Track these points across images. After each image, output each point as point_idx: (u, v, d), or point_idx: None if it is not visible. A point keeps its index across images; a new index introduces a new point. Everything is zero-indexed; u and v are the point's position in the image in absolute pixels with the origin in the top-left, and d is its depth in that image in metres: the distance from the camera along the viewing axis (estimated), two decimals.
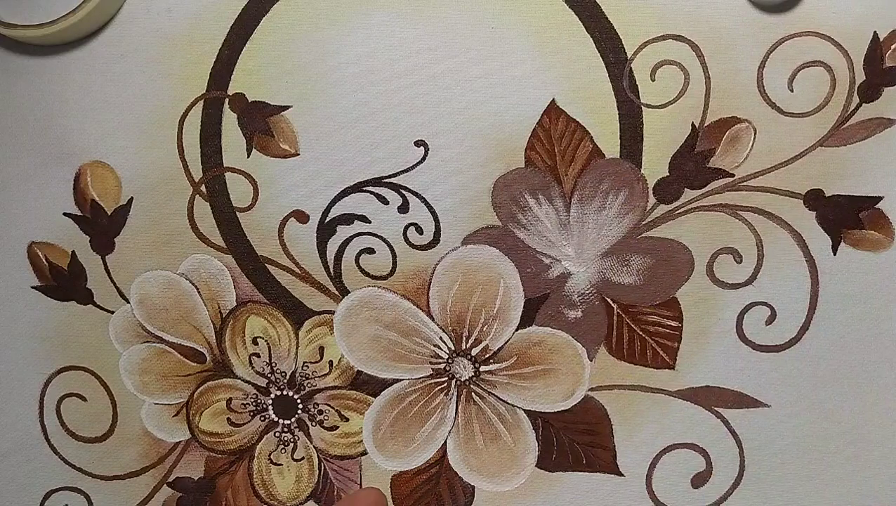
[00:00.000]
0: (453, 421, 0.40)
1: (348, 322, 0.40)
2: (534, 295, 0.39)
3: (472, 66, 0.38)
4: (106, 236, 0.40)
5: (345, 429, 0.40)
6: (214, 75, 0.39)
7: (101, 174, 0.40)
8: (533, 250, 0.39)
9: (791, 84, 0.37)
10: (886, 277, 0.38)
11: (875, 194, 0.37)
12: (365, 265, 0.39)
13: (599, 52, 0.38)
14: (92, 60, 0.39)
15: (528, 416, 0.40)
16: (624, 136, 0.38)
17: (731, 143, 0.38)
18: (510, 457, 0.40)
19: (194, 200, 0.40)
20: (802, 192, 0.38)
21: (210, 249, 0.40)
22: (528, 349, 0.39)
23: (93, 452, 0.41)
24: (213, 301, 0.40)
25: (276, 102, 0.39)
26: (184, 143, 0.39)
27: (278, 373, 0.40)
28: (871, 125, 0.37)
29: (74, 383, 0.41)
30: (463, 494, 0.40)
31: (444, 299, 0.39)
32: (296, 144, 0.39)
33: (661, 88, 0.38)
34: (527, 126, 0.38)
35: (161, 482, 0.41)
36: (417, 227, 0.39)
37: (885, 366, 0.38)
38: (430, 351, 0.40)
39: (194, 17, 0.39)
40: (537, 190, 0.38)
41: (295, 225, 0.39)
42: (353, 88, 0.39)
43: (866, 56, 0.37)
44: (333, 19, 0.38)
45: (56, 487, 0.42)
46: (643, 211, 0.38)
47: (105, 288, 0.40)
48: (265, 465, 0.41)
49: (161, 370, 0.41)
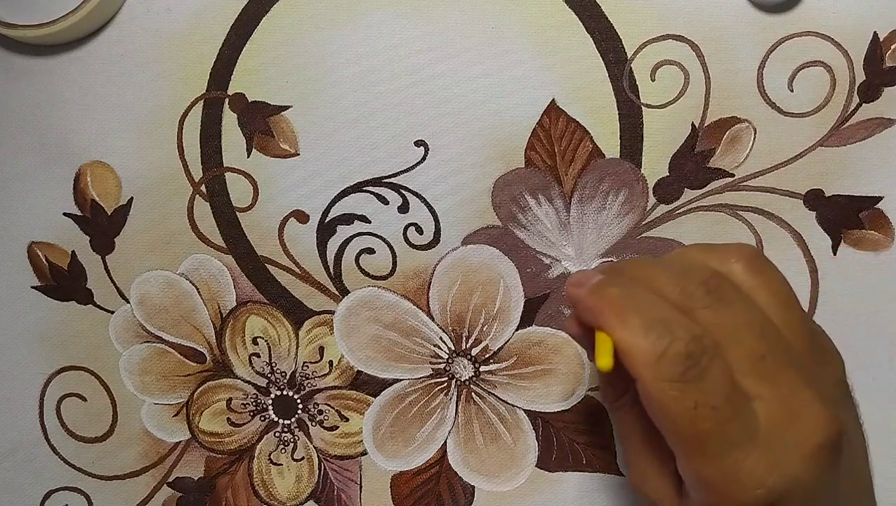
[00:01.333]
0: (453, 421, 0.40)
1: (348, 322, 0.40)
2: (534, 295, 0.39)
3: (472, 66, 0.38)
4: (106, 236, 0.40)
5: (345, 429, 0.40)
6: (214, 75, 0.39)
7: (101, 174, 0.40)
8: (533, 250, 0.39)
9: (791, 84, 0.37)
10: (886, 277, 0.38)
11: (875, 194, 0.37)
12: (365, 265, 0.39)
13: (599, 52, 0.38)
14: (92, 60, 0.39)
15: (528, 416, 0.40)
16: (624, 136, 0.38)
17: (731, 143, 0.38)
18: (510, 457, 0.40)
19: (194, 200, 0.40)
20: (802, 192, 0.38)
21: (210, 249, 0.40)
22: (528, 349, 0.39)
23: (93, 452, 0.41)
24: (213, 301, 0.40)
25: (276, 102, 0.39)
26: (184, 143, 0.39)
27: (278, 373, 0.40)
28: (871, 125, 0.37)
29: (74, 383, 0.41)
30: (463, 494, 0.40)
31: (444, 299, 0.39)
32: (296, 144, 0.39)
33: (661, 88, 0.38)
34: (527, 126, 0.38)
35: (161, 482, 0.41)
36: (417, 227, 0.39)
37: (884, 366, 0.38)
38: (430, 351, 0.40)
39: (194, 17, 0.39)
40: (537, 190, 0.38)
41: (295, 225, 0.39)
42: (353, 88, 0.39)
43: (866, 56, 0.37)
44: (333, 19, 0.38)
45: (56, 487, 0.42)
46: (643, 211, 0.38)
47: (105, 288, 0.40)
48: (265, 465, 0.41)
49: (161, 370, 0.41)
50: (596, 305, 0.27)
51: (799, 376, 0.27)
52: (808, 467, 0.26)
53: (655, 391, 0.26)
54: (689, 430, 0.26)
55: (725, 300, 0.27)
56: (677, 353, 0.26)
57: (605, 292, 0.28)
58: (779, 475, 0.26)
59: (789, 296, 0.29)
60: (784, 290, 0.29)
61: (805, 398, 0.27)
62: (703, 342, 0.26)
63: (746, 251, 0.29)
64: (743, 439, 0.26)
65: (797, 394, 0.27)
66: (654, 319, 0.26)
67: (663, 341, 0.26)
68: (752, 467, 0.26)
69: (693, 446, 0.26)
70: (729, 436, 0.26)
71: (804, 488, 0.27)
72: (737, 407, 0.26)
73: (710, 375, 0.26)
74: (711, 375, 0.26)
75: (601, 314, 0.27)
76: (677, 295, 0.27)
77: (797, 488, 0.26)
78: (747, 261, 0.29)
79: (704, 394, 0.26)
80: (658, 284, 0.28)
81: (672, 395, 0.25)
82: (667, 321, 0.26)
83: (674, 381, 0.25)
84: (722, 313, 0.27)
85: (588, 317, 0.28)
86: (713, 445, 0.26)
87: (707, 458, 0.26)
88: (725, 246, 0.30)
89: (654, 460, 0.30)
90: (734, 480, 0.26)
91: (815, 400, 0.27)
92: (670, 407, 0.26)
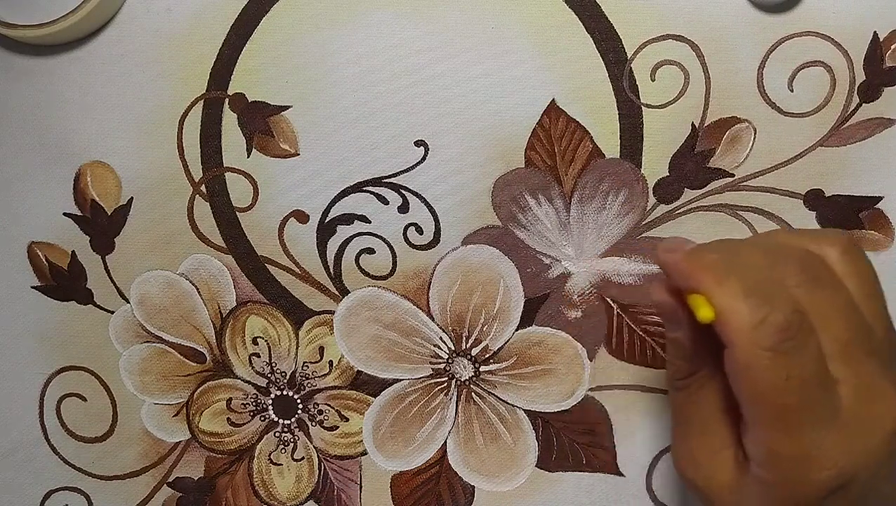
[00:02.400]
0: (453, 421, 0.40)
1: (348, 322, 0.40)
2: (534, 295, 0.39)
3: (472, 66, 0.38)
4: (106, 236, 0.40)
5: (345, 429, 0.40)
6: (214, 75, 0.39)
7: (101, 174, 0.40)
8: (533, 250, 0.39)
9: (791, 84, 0.37)
10: (886, 277, 0.38)
11: (875, 194, 0.37)
12: (365, 265, 0.39)
13: (599, 52, 0.38)
14: (92, 60, 0.39)
15: (528, 416, 0.40)
16: (624, 136, 0.38)
17: (731, 143, 0.38)
18: (510, 457, 0.40)
19: (194, 200, 0.40)
20: (802, 192, 0.38)
21: (210, 249, 0.40)
22: (528, 349, 0.39)
23: (93, 452, 0.41)
24: (213, 301, 0.40)
25: (276, 102, 0.39)
26: (184, 143, 0.39)
27: (278, 373, 0.40)
28: (871, 125, 0.37)
29: (74, 383, 0.41)
30: (463, 494, 0.40)
31: (444, 299, 0.39)
32: (296, 144, 0.39)
33: (661, 88, 0.38)
34: (527, 126, 0.38)
35: (161, 482, 0.41)
36: (417, 227, 0.39)
37: None
38: (430, 351, 0.40)
39: (194, 17, 0.39)
40: (537, 190, 0.38)
41: (295, 225, 0.39)
42: (353, 88, 0.39)
43: (866, 56, 0.37)
44: (333, 19, 0.38)
45: (56, 487, 0.42)
46: (643, 211, 0.38)
47: (105, 288, 0.40)
48: (265, 465, 0.41)
49: (161, 370, 0.41)
50: (695, 268, 0.27)
51: (880, 365, 0.28)
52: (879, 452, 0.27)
53: (750, 358, 0.26)
54: (777, 401, 0.26)
55: (819, 282, 0.28)
56: (777, 322, 0.26)
57: (704, 256, 0.28)
58: (851, 458, 0.26)
59: (876, 286, 0.29)
60: (873, 279, 0.29)
61: (884, 386, 0.27)
62: (802, 316, 0.26)
63: (844, 238, 0.29)
64: (825, 418, 0.26)
65: (877, 382, 0.27)
66: (755, 285, 0.26)
67: (763, 309, 0.26)
68: (829, 447, 0.26)
69: (777, 418, 0.26)
70: (813, 413, 0.26)
71: (870, 473, 0.27)
72: (825, 386, 0.26)
73: (806, 349, 0.26)
74: (807, 350, 0.26)
75: (700, 277, 0.27)
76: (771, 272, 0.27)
77: (864, 472, 0.27)
78: (843, 247, 0.29)
79: (797, 367, 0.26)
80: (752, 258, 0.28)
81: (765, 364, 0.26)
82: (767, 290, 0.26)
83: (770, 350, 0.25)
84: (815, 294, 0.27)
85: (683, 281, 0.28)
86: (796, 420, 0.26)
87: (787, 433, 0.26)
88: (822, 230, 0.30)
89: (712, 442, 0.29)
90: (809, 457, 0.26)
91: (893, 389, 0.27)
92: (762, 376, 0.26)
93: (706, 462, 0.30)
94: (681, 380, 0.31)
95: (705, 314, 0.26)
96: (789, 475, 0.27)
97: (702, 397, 0.30)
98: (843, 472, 0.26)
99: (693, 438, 0.30)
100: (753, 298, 0.26)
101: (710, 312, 0.26)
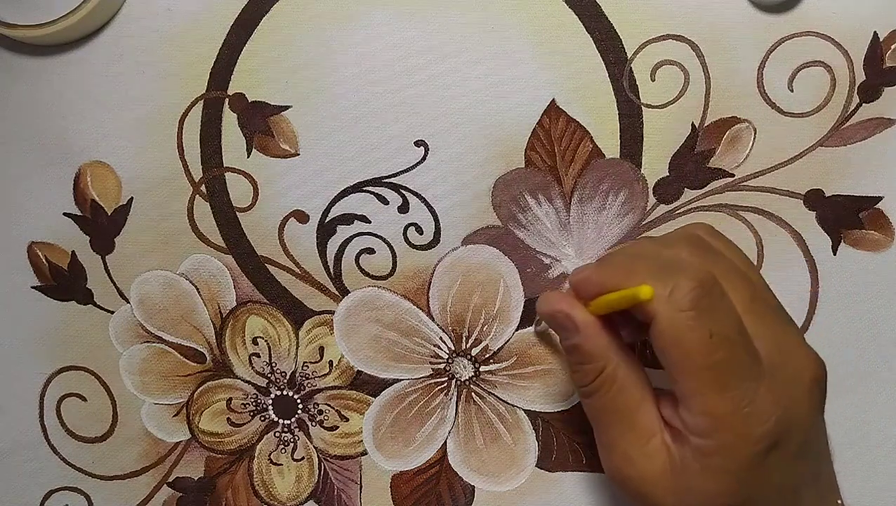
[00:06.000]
0: (453, 421, 0.40)
1: (348, 322, 0.40)
2: (534, 295, 0.39)
3: (472, 66, 0.38)
4: (106, 236, 0.40)
5: (345, 429, 0.40)
6: (214, 75, 0.39)
7: (101, 174, 0.40)
8: (533, 250, 0.39)
9: (791, 84, 0.37)
10: (886, 277, 0.38)
11: (875, 194, 0.37)
12: (365, 265, 0.39)
13: (599, 52, 0.38)
14: (91, 60, 0.39)
15: (528, 416, 0.40)
16: (624, 136, 0.38)
17: (731, 143, 0.38)
18: (510, 457, 0.40)
19: (194, 200, 0.40)
20: (802, 192, 0.38)
21: (210, 249, 0.40)
22: (528, 349, 0.39)
23: (93, 452, 0.41)
24: (213, 301, 0.40)
25: (276, 102, 0.39)
26: (184, 143, 0.39)
27: (278, 373, 0.40)
28: (871, 125, 0.37)
29: (74, 383, 0.41)
30: (463, 494, 0.40)
31: (444, 299, 0.39)
32: (296, 144, 0.39)
33: (661, 88, 0.38)
34: (527, 126, 0.38)
35: (161, 482, 0.41)
36: (417, 227, 0.39)
37: (884, 366, 0.38)
38: (430, 351, 0.40)
39: (194, 17, 0.39)
40: (537, 190, 0.38)
41: (295, 225, 0.39)
42: (353, 88, 0.39)
43: (866, 56, 0.37)
44: (334, 19, 0.38)
45: (56, 487, 0.42)
46: (643, 211, 0.38)
47: (105, 288, 0.40)
48: (265, 465, 0.41)
49: (161, 370, 0.41)
50: (605, 272, 0.30)
51: (782, 318, 0.30)
52: (806, 401, 0.29)
53: (673, 323, 0.27)
54: (706, 360, 0.27)
55: (710, 251, 0.30)
56: (688, 284, 0.27)
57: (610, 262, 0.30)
58: (783, 409, 0.28)
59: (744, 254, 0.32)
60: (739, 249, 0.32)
61: (792, 339, 0.29)
62: (710, 275, 0.28)
63: (699, 223, 0.33)
64: (752, 373, 0.28)
65: (786, 335, 0.29)
66: (660, 266, 0.29)
67: (674, 278, 0.28)
68: (760, 400, 0.27)
69: (708, 378, 0.27)
70: (741, 367, 0.27)
71: (802, 423, 0.28)
72: (745, 341, 0.28)
73: (722, 305, 0.28)
74: (723, 306, 0.28)
75: (612, 277, 0.29)
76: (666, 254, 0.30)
77: (797, 423, 0.28)
78: (707, 229, 0.32)
79: (717, 323, 0.27)
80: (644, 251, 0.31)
81: (689, 324, 0.27)
82: (671, 266, 0.28)
83: (689, 309, 0.27)
84: (709, 261, 0.30)
85: (598, 288, 0.30)
86: (726, 376, 0.27)
87: (720, 391, 0.27)
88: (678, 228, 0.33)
89: (640, 434, 0.30)
90: (745, 414, 0.27)
91: (801, 341, 0.30)
92: (688, 337, 0.27)
93: (638, 455, 0.30)
94: (591, 383, 0.31)
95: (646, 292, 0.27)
96: (729, 437, 0.28)
97: (616, 392, 0.30)
98: (779, 422, 0.27)
99: (621, 437, 0.30)
100: (662, 273, 0.28)
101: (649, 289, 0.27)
